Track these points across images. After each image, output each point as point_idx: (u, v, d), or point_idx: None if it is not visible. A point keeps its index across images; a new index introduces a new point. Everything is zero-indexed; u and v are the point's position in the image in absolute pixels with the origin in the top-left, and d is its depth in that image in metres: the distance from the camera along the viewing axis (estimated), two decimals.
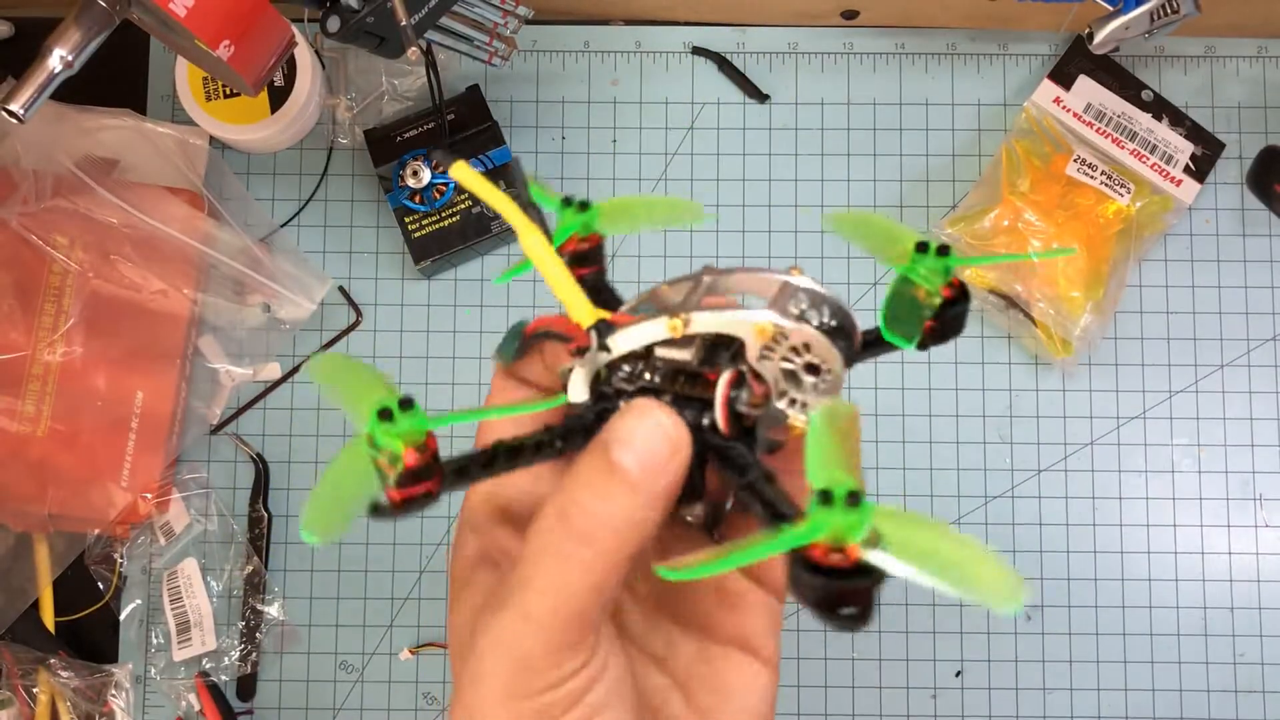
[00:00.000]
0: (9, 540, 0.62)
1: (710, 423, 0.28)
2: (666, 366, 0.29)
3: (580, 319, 0.29)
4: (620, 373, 0.29)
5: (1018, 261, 0.62)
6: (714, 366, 0.28)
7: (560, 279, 0.29)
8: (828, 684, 0.63)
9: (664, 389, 0.28)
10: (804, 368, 0.28)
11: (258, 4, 0.49)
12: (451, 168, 0.29)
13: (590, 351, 0.29)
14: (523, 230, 0.29)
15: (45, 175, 0.62)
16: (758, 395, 0.28)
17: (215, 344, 0.65)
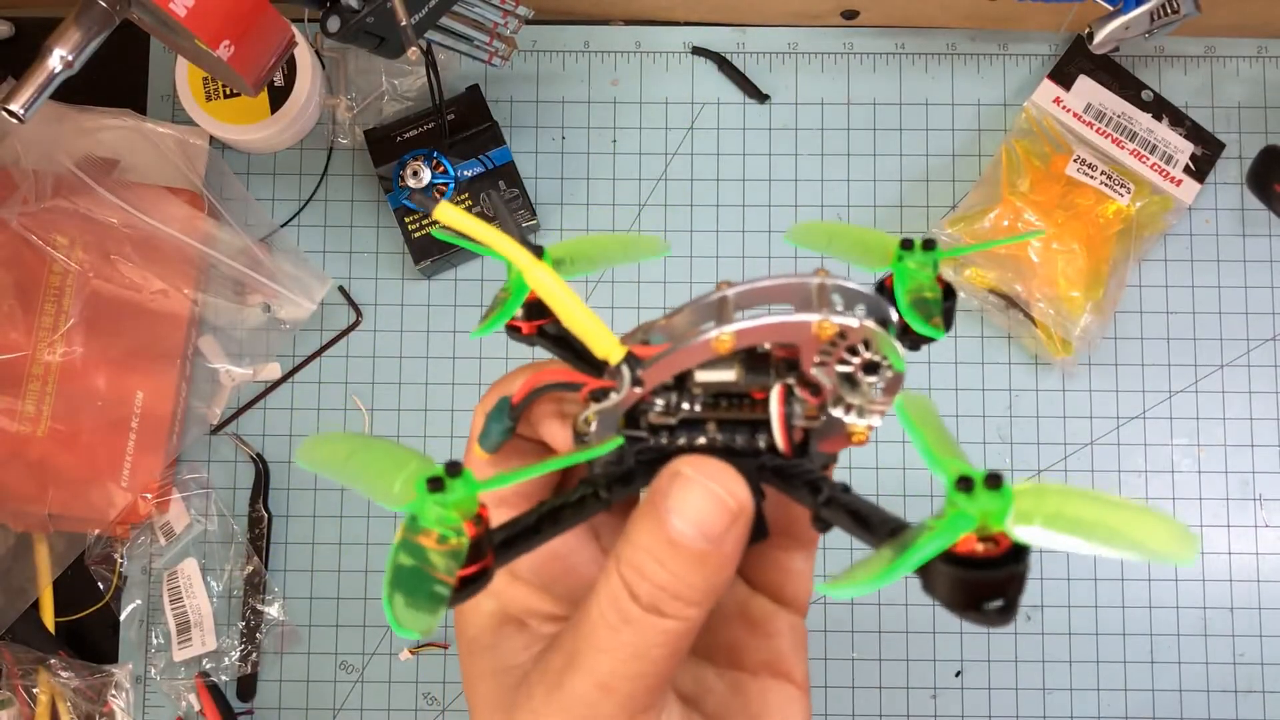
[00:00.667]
0: (9, 540, 0.62)
1: (767, 445, 0.26)
2: (705, 392, 0.27)
3: (607, 353, 0.26)
4: (655, 407, 0.27)
5: (1018, 262, 0.62)
6: (758, 384, 0.26)
7: (578, 312, 0.26)
8: (828, 684, 0.63)
9: (706, 417, 0.26)
10: (863, 368, 0.26)
11: (258, 4, 0.49)
12: (436, 210, 0.26)
13: (621, 390, 0.26)
14: (527, 266, 0.26)
15: (45, 175, 0.62)
16: (813, 406, 0.26)
17: (215, 344, 0.65)
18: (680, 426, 0.26)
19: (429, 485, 0.22)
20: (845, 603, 0.63)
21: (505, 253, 0.26)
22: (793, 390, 0.26)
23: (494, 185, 0.64)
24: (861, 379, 0.26)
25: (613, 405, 0.26)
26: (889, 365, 0.26)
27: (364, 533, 0.64)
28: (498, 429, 0.28)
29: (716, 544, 0.25)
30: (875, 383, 0.26)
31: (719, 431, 0.26)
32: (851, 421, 0.26)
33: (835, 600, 0.63)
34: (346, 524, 0.64)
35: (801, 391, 0.26)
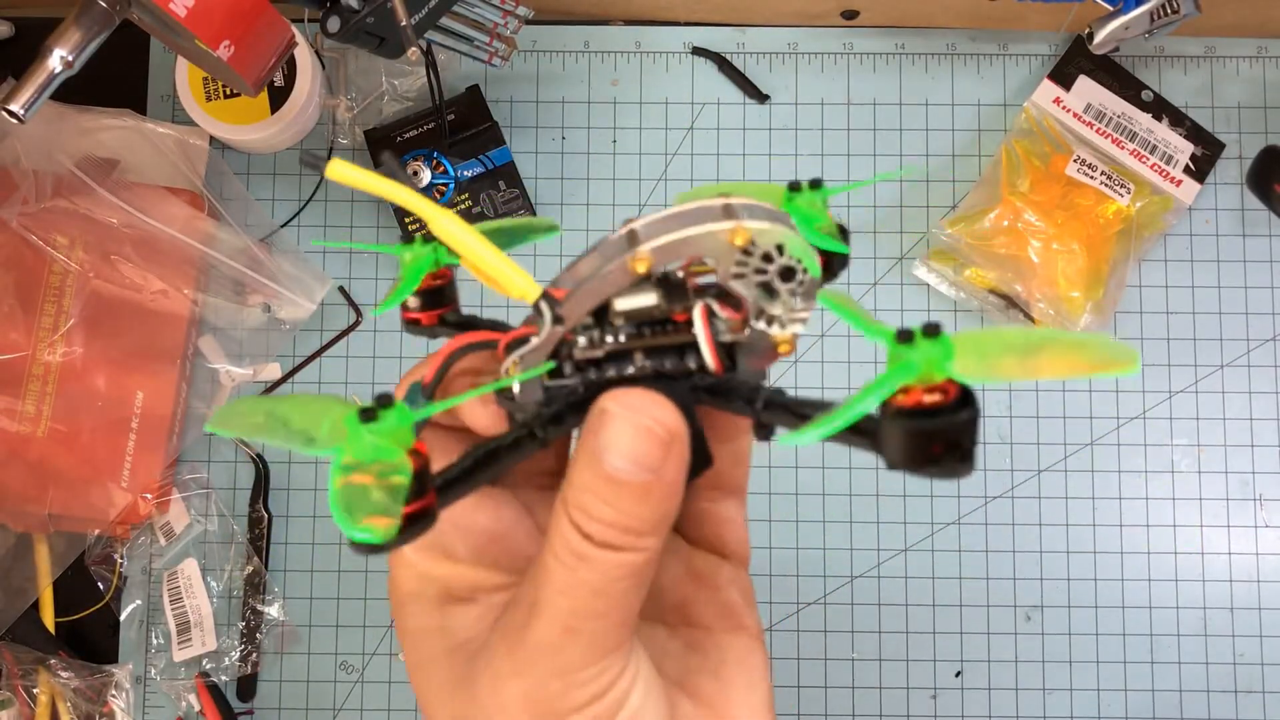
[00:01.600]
0: (9, 540, 0.62)
1: (698, 366, 0.26)
2: (627, 321, 0.26)
3: (524, 293, 0.25)
4: (579, 344, 0.26)
5: (1018, 262, 0.62)
6: (679, 305, 0.26)
7: (489, 255, 0.25)
8: (828, 684, 0.63)
9: (632, 347, 0.26)
10: (779, 274, 0.25)
11: (258, 4, 0.49)
12: (328, 168, 0.25)
13: (542, 331, 0.25)
14: (433, 216, 0.25)
15: (45, 175, 0.62)
16: (736, 320, 0.26)
17: (215, 344, 0.65)
18: (608, 359, 0.26)
19: (362, 416, 0.22)
20: (845, 602, 0.63)
21: (407, 203, 0.26)
22: (713, 308, 0.26)
23: (494, 186, 0.64)
24: (779, 286, 0.25)
25: (535, 348, 0.26)
26: (804, 269, 0.25)
27: None
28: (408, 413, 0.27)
29: (657, 473, 0.24)
30: (794, 288, 0.25)
31: (647, 359, 0.26)
32: (775, 332, 0.26)
33: (835, 600, 0.63)
34: None
35: (722, 308, 0.26)
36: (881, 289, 0.66)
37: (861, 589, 0.63)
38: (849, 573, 0.64)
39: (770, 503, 0.64)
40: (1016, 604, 0.63)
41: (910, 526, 0.64)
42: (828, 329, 0.65)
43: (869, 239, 0.66)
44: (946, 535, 0.64)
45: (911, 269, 0.66)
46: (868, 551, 0.64)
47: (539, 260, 0.66)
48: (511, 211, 0.64)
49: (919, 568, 0.64)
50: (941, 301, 0.65)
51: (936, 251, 0.64)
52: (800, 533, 0.64)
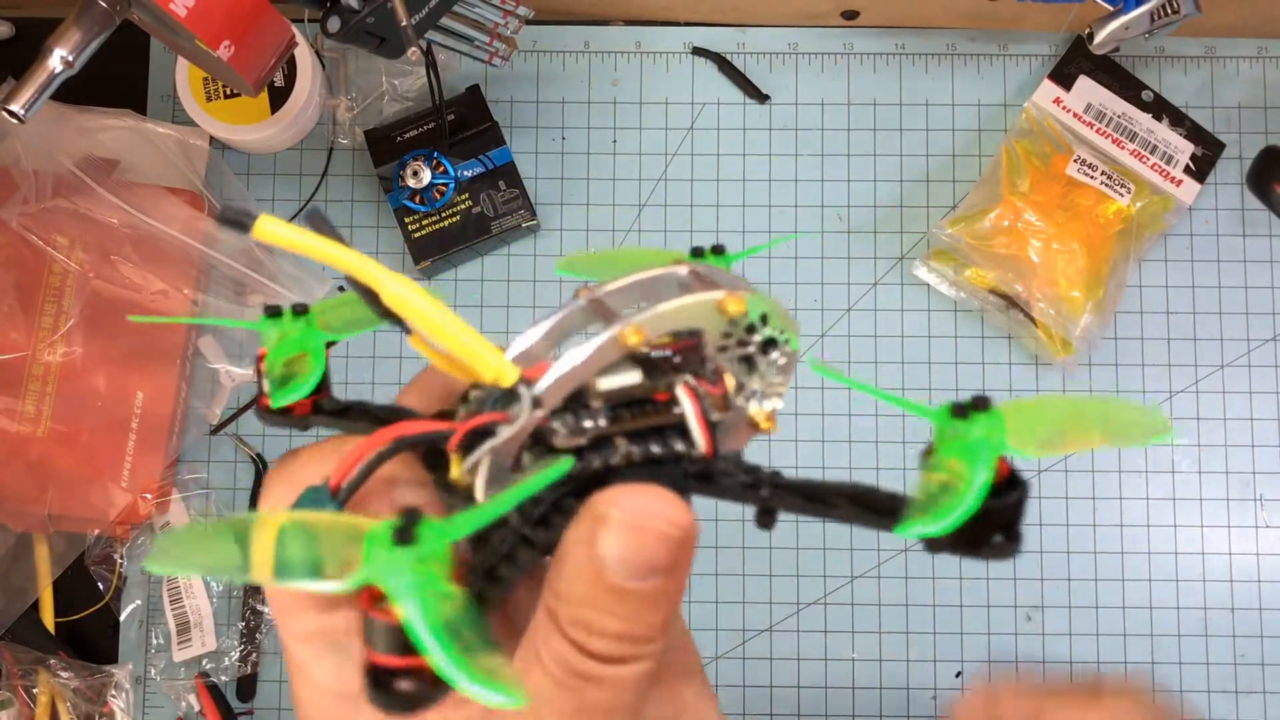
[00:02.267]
0: (9, 540, 0.62)
1: (685, 449, 0.24)
2: (605, 403, 0.23)
3: (498, 375, 0.22)
4: (559, 431, 0.23)
5: (1018, 262, 0.62)
6: (661, 384, 0.24)
7: (456, 329, 0.22)
8: (828, 685, 0.63)
9: (614, 431, 0.23)
10: (761, 346, 0.24)
11: (258, 4, 0.49)
12: (255, 227, 0.21)
13: (519, 418, 0.22)
14: (385, 279, 0.22)
15: (45, 175, 0.62)
16: (718, 396, 0.24)
17: (215, 344, 0.65)
18: (590, 448, 0.23)
19: (397, 537, 0.18)
20: (845, 603, 0.63)
21: (348, 265, 0.22)
22: (693, 386, 0.24)
23: (494, 186, 0.64)
24: (759, 360, 0.24)
25: (509, 438, 0.22)
26: (785, 341, 0.24)
27: None
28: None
29: (669, 575, 0.22)
30: (775, 361, 0.24)
31: (632, 444, 0.23)
32: (754, 409, 0.24)
33: (835, 600, 0.63)
34: None
35: (702, 385, 0.24)
36: (881, 289, 0.66)
37: (862, 589, 0.63)
38: (849, 573, 0.64)
39: None
40: (1017, 604, 0.63)
41: None
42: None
43: (869, 239, 0.66)
44: None
45: (912, 269, 0.65)
46: (868, 551, 0.64)
47: (513, 261, 0.66)
48: (511, 211, 0.64)
49: (919, 568, 0.63)
50: (941, 301, 0.65)
51: (937, 251, 0.64)
52: (800, 533, 0.64)
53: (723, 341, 0.24)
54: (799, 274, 0.66)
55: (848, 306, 0.65)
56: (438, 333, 0.22)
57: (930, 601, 0.63)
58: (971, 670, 0.63)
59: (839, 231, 0.66)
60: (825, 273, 0.66)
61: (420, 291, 0.22)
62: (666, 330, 0.23)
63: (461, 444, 0.23)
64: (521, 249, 0.66)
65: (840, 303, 0.66)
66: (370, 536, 0.18)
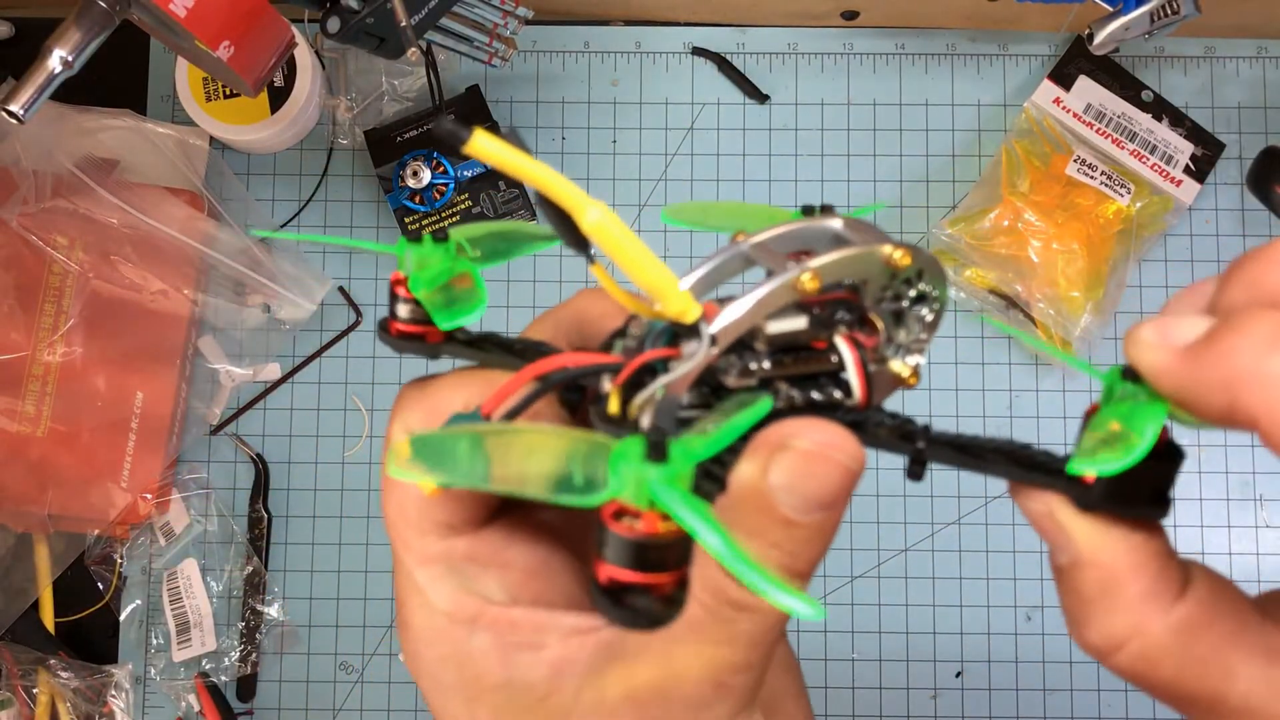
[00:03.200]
0: (9, 540, 0.63)
1: (842, 397, 0.24)
2: (770, 347, 0.24)
3: (683, 310, 0.22)
4: (733, 369, 0.23)
5: (1018, 263, 0.62)
6: (821, 332, 0.24)
7: (649, 261, 0.21)
8: (828, 685, 0.63)
9: (778, 374, 0.24)
10: (914, 300, 0.24)
11: (258, 4, 0.49)
12: (470, 141, 0.21)
13: (696, 354, 0.22)
14: (585, 205, 0.21)
15: (45, 175, 0.62)
16: (872, 347, 0.24)
17: (215, 344, 0.65)
18: (760, 387, 0.24)
19: (651, 453, 0.19)
20: (845, 603, 0.63)
21: (552, 186, 0.21)
22: (855, 336, 0.24)
23: (494, 186, 0.64)
24: (909, 314, 0.24)
25: (683, 375, 0.22)
26: (936, 297, 0.24)
27: (364, 533, 0.64)
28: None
29: (835, 509, 0.22)
30: (924, 317, 0.24)
31: (794, 389, 0.23)
32: (897, 364, 0.24)
33: (835, 600, 0.63)
34: (346, 524, 0.64)
35: (858, 335, 0.24)
36: None
37: (862, 589, 0.63)
38: (849, 573, 0.64)
39: None
40: (1017, 604, 0.63)
41: (911, 526, 0.64)
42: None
43: None
44: (947, 535, 0.64)
45: None
46: (868, 552, 0.64)
47: (513, 261, 0.66)
48: (511, 212, 0.64)
49: (919, 568, 0.63)
50: None
51: (937, 252, 0.64)
52: None
53: (880, 294, 0.24)
54: None
55: None
56: (630, 263, 0.21)
57: (930, 601, 0.63)
58: (971, 670, 0.63)
59: None
60: None
61: (617, 220, 0.21)
62: (837, 278, 0.23)
63: (628, 380, 0.23)
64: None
65: None
66: (618, 453, 0.19)
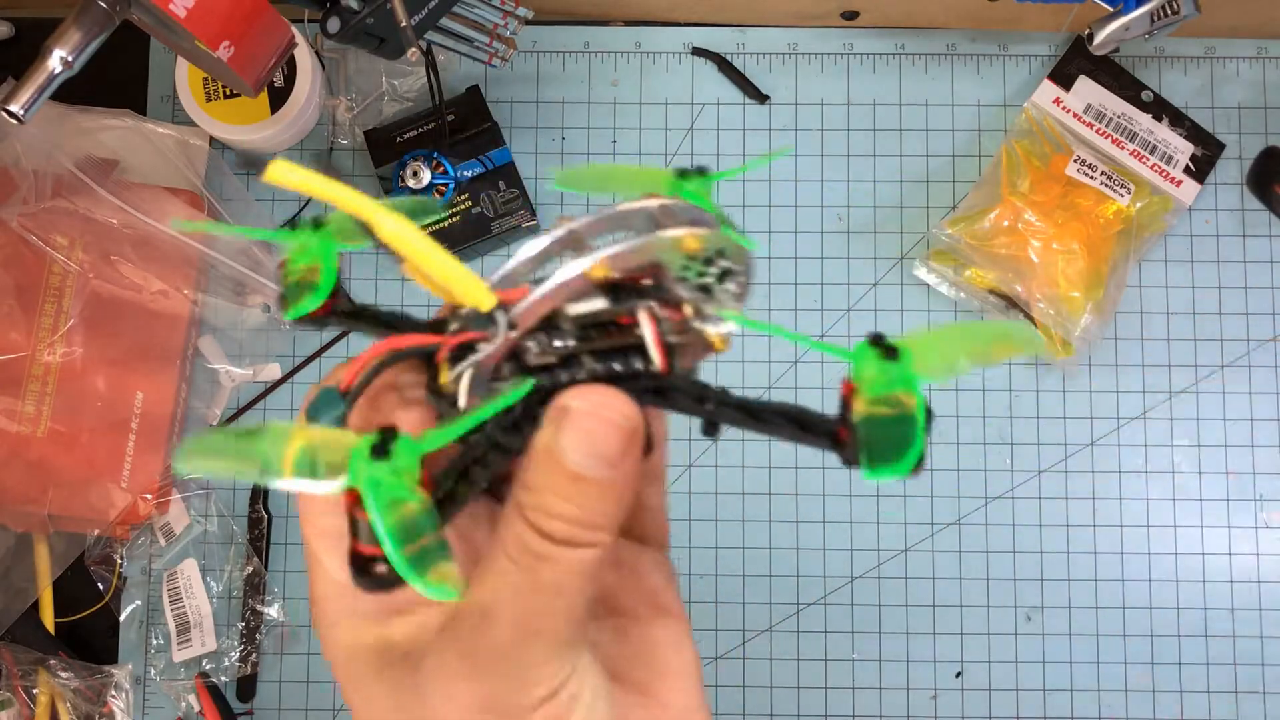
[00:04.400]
0: (9, 541, 0.62)
1: (644, 367, 0.26)
2: (575, 326, 0.26)
3: (479, 301, 0.25)
4: (532, 349, 0.26)
5: (1018, 263, 0.62)
6: (624, 309, 0.26)
7: (441, 260, 0.25)
8: (828, 685, 0.63)
9: (580, 350, 0.26)
10: (718, 276, 0.26)
11: (258, 5, 0.49)
12: (267, 171, 0.24)
13: (496, 338, 0.26)
14: (374, 214, 0.25)
15: (45, 175, 0.62)
16: (677, 320, 0.27)
17: (215, 344, 0.65)
18: (559, 365, 0.26)
19: (373, 452, 0.22)
20: (845, 603, 0.63)
21: (348, 203, 0.25)
22: (655, 311, 0.27)
23: (494, 186, 0.64)
24: (716, 288, 0.26)
25: (488, 355, 0.26)
26: (741, 270, 0.27)
27: None
28: (327, 420, 0.26)
29: (619, 467, 0.25)
30: (730, 289, 0.26)
31: (596, 362, 0.26)
32: (711, 330, 0.27)
33: (835, 601, 0.63)
34: None
35: (663, 309, 0.27)
36: (882, 289, 0.66)
37: (862, 590, 0.63)
38: (849, 573, 0.64)
39: (770, 503, 0.64)
40: (1017, 605, 0.63)
41: (910, 527, 0.64)
42: (801, 355, 0.65)
43: (869, 239, 0.66)
44: (947, 536, 0.64)
45: (912, 269, 0.65)
46: (868, 552, 0.64)
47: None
48: (511, 211, 0.64)
49: (919, 568, 0.63)
50: (941, 302, 0.65)
51: (937, 252, 0.64)
52: (800, 533, 0.64)
53: (683, 272, 0.26)
54: (799, 274, 0.66)
55: (848, 307, 0.66)
56: (427, 263, 0.25)
57: (930, 601, 0.63)
58: (971, 670, 0.63)
59: (839, 232, 0.66)
60: (825, 273, 0.66)
61: (411, 225, 0.25)
62: (630, 265, 0.26)
63: (449, 356, 0.26)
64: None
65: (840, 303, 0.66)
66: (355, 451, 0.22)
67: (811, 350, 0.65)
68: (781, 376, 0.65)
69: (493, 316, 0.25)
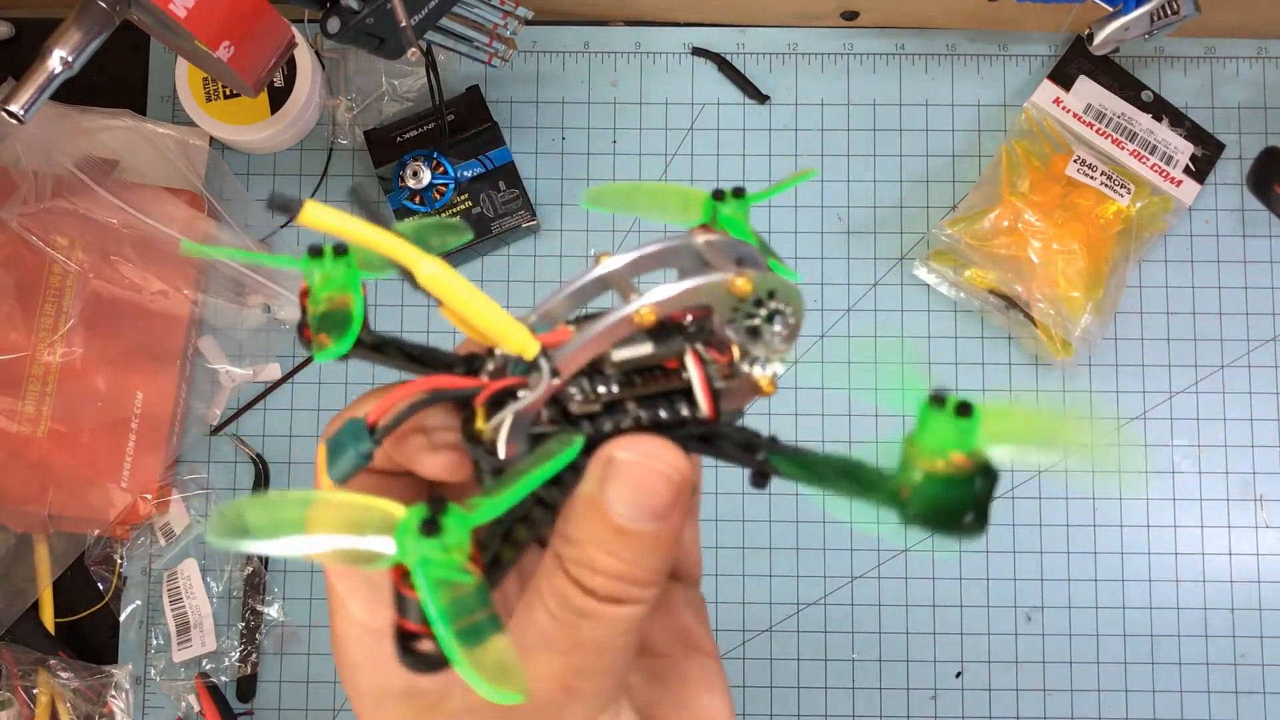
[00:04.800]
0: (9, 541, 0.62)
1: (690, 413, 0.25)
2: (619, 371, 0.25)
3: (522, 347, 0.24)
4: (575, 397, 0.25)
5: (1018, 263, 0.62)
6: (670, 352, 0.25)
7: (483, 306, 0.24)
8: (828, 685, 0.63)
9: (625, 397, 0.25)
10: (766, 318, 0.25)
11: (258, 5, 0.49)
12: (301, 214, 0.23)
13: (539, 386, 0.24)
14: (417, 262, 0.24)
15: (45, 175, 0.62)
16: (724, 365, 0.26)
17: (215, 344, 0.65)
18: (603, 412, 0.25)
19: (423, 528, 0.20)
20: (845, 603, 0.63)
21: (388, 249, 0.24)
22: (702, 354, 0.26)
23: (494, 186, 0.64)
24: (765, 329, 0.25)
25: (529, 403, 0.24)
26: (791, 311, 0.26)
27: None
28: (353, 455, 0.25)
29: (666, 521, 0.24)
30: (778, 331, 0.25)
31: (641, 409, 0.25)
32: (758, 373, 0.26)
33: (835, 601, 0.63)
34: None
35: (709, 352, 0.26)
36: (882, 289, 0.66)
37: (862, 590, 0.63)
38: (849, 573, 0.64)
39: (770, 503, 0.64)
40: (1017, 605, 0.63)
41: None
42: (801, 355, 0.65)
43: (869, 239, 0.66)
44: None
45: (912, 269, 0.65)
46: (868, 552, 0.64)
47: (513, 261, 0.66)
48: (511, 212, 0.64)
49: (919, 568, 0.63)
50: (941, 302, 0.65)
51: (937, 252, 0.64)
52: (800, 533, 0.64)
53: (731, 314, 0.25)
54: (799, 274, 0.66)
55: (848, 307, 0.66)
56: (467, 309, 0.24)
57: (930, 602, 0.63)
58: (971, 670, 0.63)
59: (839, 232, 0.66)
60: (825, 273, 0.66)
61: (451, 271, 0.24)
62: (679, 308, 0.25)
63: (488, 401, 0.25)
64: (521, 249, 0.66)
65: (840, 303, 0.66)
66: (401, 526, 0.20)
67: (811, 350, 0.65)
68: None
69: (536, 364, 0.24)
